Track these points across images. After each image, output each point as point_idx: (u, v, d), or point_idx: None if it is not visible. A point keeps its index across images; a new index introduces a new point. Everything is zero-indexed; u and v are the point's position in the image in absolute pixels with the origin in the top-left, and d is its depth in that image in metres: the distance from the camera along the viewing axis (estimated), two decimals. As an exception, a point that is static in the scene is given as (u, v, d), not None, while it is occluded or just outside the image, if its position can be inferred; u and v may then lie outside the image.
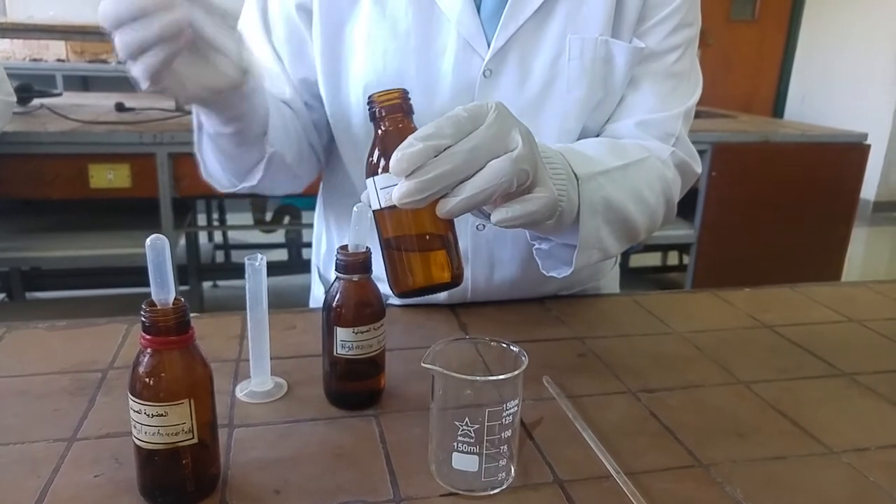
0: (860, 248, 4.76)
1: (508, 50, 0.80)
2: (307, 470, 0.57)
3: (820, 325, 0.93)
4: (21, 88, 2.33)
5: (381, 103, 0.60)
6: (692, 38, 0.87)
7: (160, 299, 0.50)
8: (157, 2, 0.54)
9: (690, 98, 0.88)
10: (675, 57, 0.86)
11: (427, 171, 0.53)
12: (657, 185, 0.81)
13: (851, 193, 2.89)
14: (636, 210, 0.76)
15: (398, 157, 0.53)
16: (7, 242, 2.15)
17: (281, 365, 0.73)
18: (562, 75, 0.81)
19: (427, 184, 0.53)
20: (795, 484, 0.58)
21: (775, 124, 3.35)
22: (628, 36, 0.83)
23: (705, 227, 2.75)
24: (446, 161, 0.54)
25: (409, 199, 0.54)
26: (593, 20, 0.81)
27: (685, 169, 0.88)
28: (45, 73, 4.49)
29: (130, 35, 0.55)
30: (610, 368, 0.77)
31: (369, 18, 0.81)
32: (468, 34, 0.79)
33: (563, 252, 0.74)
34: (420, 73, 0.80)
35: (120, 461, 0.57)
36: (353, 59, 0.82)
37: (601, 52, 0.82)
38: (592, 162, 0.73)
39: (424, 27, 0.80)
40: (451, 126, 0.55)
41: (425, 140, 0.54)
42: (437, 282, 0.61)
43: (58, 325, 0.83)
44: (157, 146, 2.14)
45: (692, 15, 0.86)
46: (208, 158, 0.81)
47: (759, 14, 6.20)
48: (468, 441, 0.53)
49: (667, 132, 0.86)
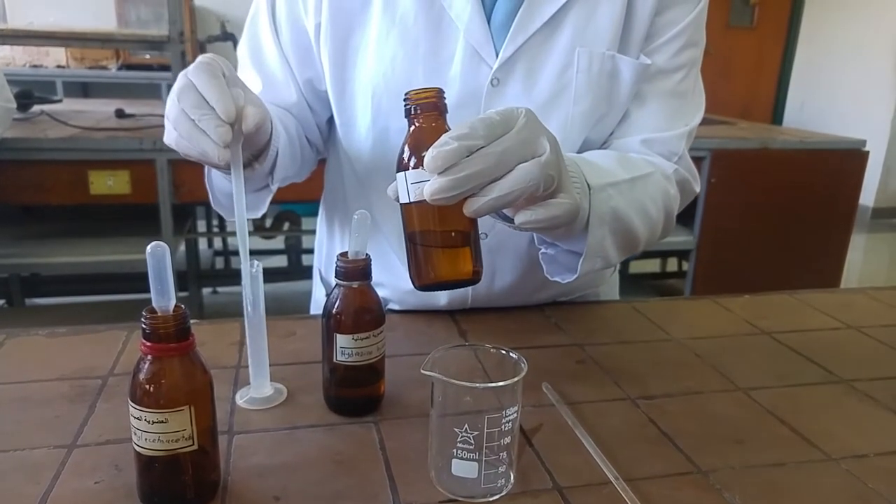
0: (859, 255, 4.76)
1: (516, 60, 0.81)
2: (307, 476, 0.57)
3: (819, 331, 0.93)
4: (21, 95, 2.33)
5: (417, 100, 0.61)
6: (697, 57, 0.88)
7: (160, 306, 0.50)
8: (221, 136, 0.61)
9: (694, 118, 0.89)
10: (681, 76, 0.87)
11: (460, 169, 0.55)
12: (660, 200, 0.82)
13: (850, 200, 2.89)
14: (640, 222, 0.77)
15: (433, 155, 0.55)
16: (7, 249, 2.15)
17: (280, 371, 0.74)
18: (568, 88, 0.82)
19: (459, 182, 0.55)
20: (794, 490, 0.59)
21: (774, 131, 3.36)
22: (636, 52, 0.84)
23: (704, 234, 2.76)
24: (478, 162, 0.55)
25: (440, 196, 0.55)
26: (602, 35, 0.81)
27: (685, 187, 0.90)
28: (45, 80, 4.50)
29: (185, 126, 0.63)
30: (609, 375, 0.77)
31: (379, 24, 0.81)
32: (477, 43, 0.80)
33: (567, 258, 0.75)
34: (427, 79, 0.81)
35: (120, 468, 0.57)
36: (362, 65, 0.83)
37: (608, 66, 0.82)
38: (604, 173, 0.74)
39: (433, 34, 0.81)
40: (485, 128, 0.56)
41: (460, 140, 0.55)
42: (458, 277, 0.62)
43: (58, 331, 0.83)
44: (156, 153, 2.14)
45: (698, 34, 0.87)
46: (217, 193, 0.86)
47: (757, 21, 6.22)
48: (468, 447, 0.53)
49: (671, 150, 0.87)
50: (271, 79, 0.88)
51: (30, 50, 4.60)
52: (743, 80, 6.23)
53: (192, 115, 0.62)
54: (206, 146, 0.62)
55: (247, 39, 0.90)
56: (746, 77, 6.27)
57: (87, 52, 4.71)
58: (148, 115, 2.47)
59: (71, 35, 2.57)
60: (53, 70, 4.65)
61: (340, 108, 0.87)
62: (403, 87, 0.81)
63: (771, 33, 6.28)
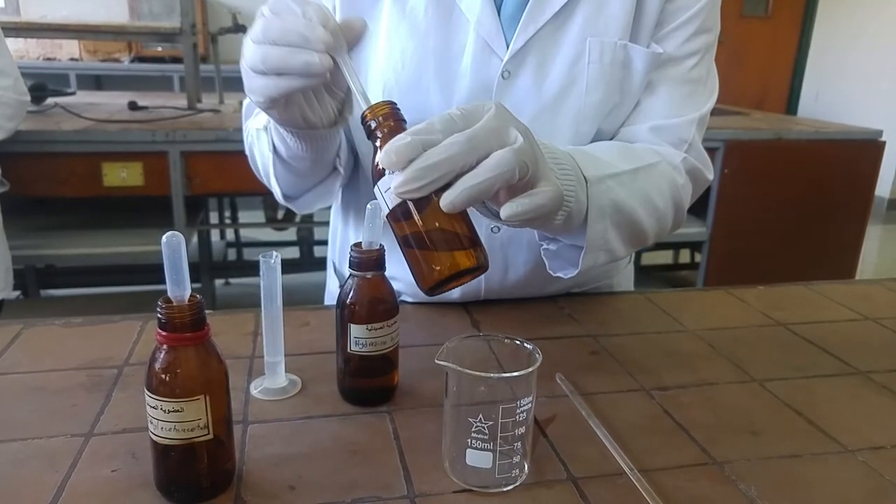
0: (874, 246, 4.72)
1: (527, 52, 0.80)
2: (321, 466, 0.58)
3: (834, 322, 0.92)
4: (35, 87, 2.35)
5: (373, 115, 0.60)
6: (710, 43, 0.86)
7: (176, 296, 0.50)
8: (320, 38, 0.58)
9: (705, 104, 0.88)
10: (693, 63, 0.85)
11: (422, 160, 0.54)
12: (667, 190, 0.81)
13: (866, 191, 2.86)
14: (645, 214, 0.77)
15: (386, 150, 0.54)
16: (22, 240, 2.17)
17: (295, 362, 0.74)
18: (580, 78, 0.81)
19: (422, 171, 0.54)
20: (810, 482, 0.58)
21: (789, 121, 3.33)
22: (646, 41, 0.83)
23: (717, 225, 2.74)
24: (442, 150, 0.54)
25: (406, 188, 0.54)
26: (613, 24, 0.81)
27: (696, 175, 0.88)
28: (58, 73, 4.53)
29: (277, 53, 0.59)
30: (623, 366, 0.77)
31: (389, 17, 0.81)
32: (487, 35, 0.79)
33: (570, 253, 0.74)
34: (438, 72, 0.80)
35: (136, 456, 0.57)
36: (373, 58, 0.83)
37: (620, 56, 0.81)
38: (602, 164, 0.73)
39: (444, 27, 0.80)
40: (442, 122, 0.55)
41: (413, 134, 0.54)
42: (460, 268, 0.60)
43: (74, 321, 0.84)
44: (169, 144, 2.15)
45: (711, 20, 0.85)
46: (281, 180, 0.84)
47: (772, 10, 6.16)
48: (482, 438, 0.53)
49: (680, 138, 0.85)
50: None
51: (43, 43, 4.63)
52: (757, 69, 6.18)
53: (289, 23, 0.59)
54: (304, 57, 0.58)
55: None
56: (761, 67, 6.22)
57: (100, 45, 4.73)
58: (161, 107, 2.48)
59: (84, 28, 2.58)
60: (67, 63, 4.68)
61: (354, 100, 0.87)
62: (415, 81, 0.81)
63: (786, 22, 6.22)
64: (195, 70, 2.55)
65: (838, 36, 5.97)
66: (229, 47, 4.01)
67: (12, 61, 1.81)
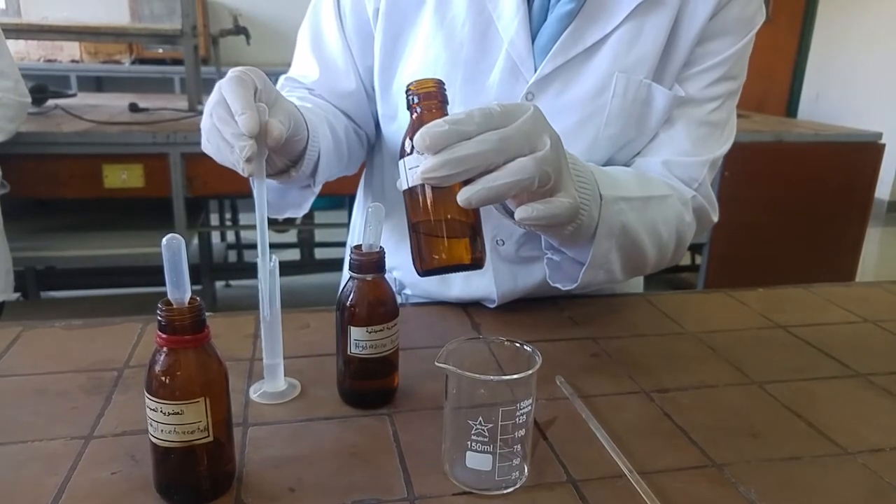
0: (874, 249, 4.72)
1: (554, 78, 0.81)
2: (321, 468, 0.58)
3: (834, 325, 0.92)
4: (35, 89, 2.35)
5: (418, 90, 0.62)
6: (734, 90, 0.87)
7: (176, 298, 0.50)
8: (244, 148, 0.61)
9: (720, 148, 0.88)
10: (714, 106, 0.86)
11: (453, 151, 0.55)
12: (673, 224, 0.82)
13: (866, 193, 2.86)
14: (649, 242, 0.78)
15: (422, 133, 0.55)
16: (22, 242, 2.17)
17: (294, 364, 0.74)
18: (602, 111, 0.82)
19: (451, 162, 0.55)
20: (810, 485, 0.58)
21: (789, 124, 3.33)
22: (670, 81, 0.84)
23: (718, 228, 2.69)
24: (473, 145, 0.56)
25: (431, 175, 0.55)
26: (642, 62, 0.81)
27: (702, 215, 0.89)
28: (59, 74, 4.52)
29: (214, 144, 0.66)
30: (623, 368, 0.77)
31: (429, 25, 0.83)
32: (518, 57, 0.81)
33: (571, 267, 0.76)
34: (466, 83, 0.82)
35: (136, 459, 0.57)
36: (407, 61, 0.85)
37: (643, 93, 0.82)
38: (619, 186, 0.74)
39: (478, 42, 0.82)
40: (481, 116, 0.57)
41: (452, 123, 0.55)
42: (458, 262, 0.62)
43: (74, 324, 0.84)
44: (170, 146, 2.15)
45: (738, 68, 0.86)
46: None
47: (772, 13, 6.15)
48: (482, 440, 0.53)
49: (691, 176, 0.86)
50: (331, 66, 0.90)
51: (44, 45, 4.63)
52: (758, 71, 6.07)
53: (220, 129, 0.63)
54: (232, 159, 0.64)
55: (308, 27, 0.92)
56: (761, 68, 6.20)
57: (101, 47, 4.73)
58: (161, 109, 2.48)
59: (85, 29, 2.58)
60: (67, 65, 4.68)
61: (384, 100, 0.89)
62: None
63: (786, 24, 6.21)
64: (196, 72, 2.55)
65: (838, 38, 5.97)
66: (230, 49, 4.02)
67: (13, 63, 1.81)
